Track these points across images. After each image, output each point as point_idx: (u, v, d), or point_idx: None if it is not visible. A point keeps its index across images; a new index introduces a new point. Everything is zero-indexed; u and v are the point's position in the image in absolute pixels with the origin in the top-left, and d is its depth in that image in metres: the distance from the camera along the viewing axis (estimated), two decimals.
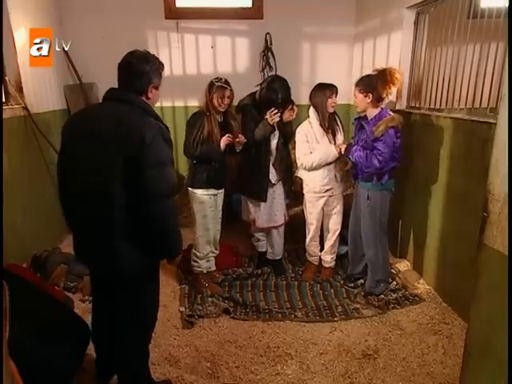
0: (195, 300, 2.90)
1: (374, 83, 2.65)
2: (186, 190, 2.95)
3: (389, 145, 2.62)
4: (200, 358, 2.34)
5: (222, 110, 2.79)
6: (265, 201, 3.07)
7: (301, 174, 3.15)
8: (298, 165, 3.09)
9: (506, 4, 2.18)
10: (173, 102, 4.39)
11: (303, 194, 3.17)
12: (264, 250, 3.36)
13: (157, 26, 4.17)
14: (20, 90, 3.08)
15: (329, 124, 2.97)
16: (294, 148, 3.11)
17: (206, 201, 2.88)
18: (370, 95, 2.66)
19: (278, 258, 3.33)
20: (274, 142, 3.05)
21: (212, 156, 2.78)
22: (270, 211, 3.15)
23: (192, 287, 3.05)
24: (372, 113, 2.71)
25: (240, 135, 2.84)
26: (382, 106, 2.74)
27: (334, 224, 3.16)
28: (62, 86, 3.98)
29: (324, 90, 2.90)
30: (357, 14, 4.24)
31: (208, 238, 2.98)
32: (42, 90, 3.44)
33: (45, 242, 3.26)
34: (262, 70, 4.27)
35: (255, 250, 3.43)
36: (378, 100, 2.69)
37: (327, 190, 3.04)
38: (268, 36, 4.20)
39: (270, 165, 3.04)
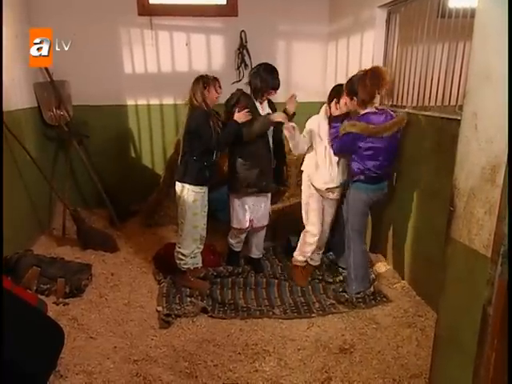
0: (173, 299, 2.88)
1: (356, 87, 2.66)
2: (169, 184, 2.94)
3: (341, 145, 2.73)
4: (178, 357, 2.33)
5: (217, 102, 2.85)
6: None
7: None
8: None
9: (474, 5, 2.24)
10: (147, 101, 4.34)
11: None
12: (240, 249, 3.38)
13: (130, 23, 4.10)
14: None
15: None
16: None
17: (199, 198, 2.88)
18: (355, 98, 2.68)
19: (260, 256, 3.38)
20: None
21: (234, 135, 2.84)
22: (266, 210, 3.18)
23: (176, 285, 3.03)
24: (359, 113, 2.74)
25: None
26: (378, 107, 2.76)
27: None
28: (32, 83, 3.87)
29: (332, 92, 2.89)
30: (330, 12, 4.28)
31: (195, 236, 2.97)
32: (10, 88, 3.33)
33: (16, 244, 3.17)
34: (238, 68, 4.26)
35: (230, 250, 3.43)
36: (363, 102, 2.68)
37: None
38: (243, 33, 4.19)
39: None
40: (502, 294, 1.03)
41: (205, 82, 2.76)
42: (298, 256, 3.16)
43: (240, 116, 2.82)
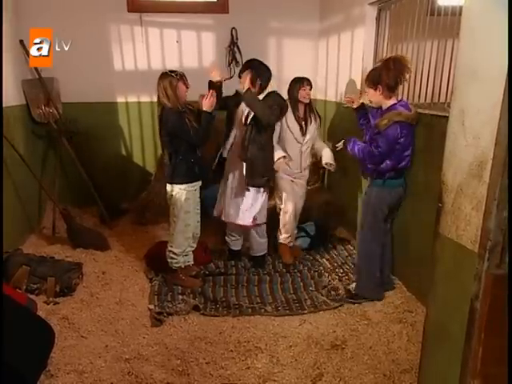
0: (165, 297, 2.87)
1: (379, 74, 2.57)
2: (160, 182, 2.92)
3: (388, 140, 2.53)
4: (170, 355, 2.32)
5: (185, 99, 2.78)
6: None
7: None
8: None
9: (462, 3, 2.26)
10: (138, 98, 4.32)
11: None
12: (238, 248, 3.39)
13: (119, 20, 4.07)
14: None
15: (304, 113, 3.28)
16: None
17: (191, 196, 2.86)
18: (380, 87, 2.58)
19: (260, 254, 3.34)
20: None
21: (211, 124, 2.81)
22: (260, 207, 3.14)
23: (167, 283, 3.03)
24: (385, 105, 2.63)
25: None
26: (399, 98, 2.67)
27: None
28: (20, 80, 3.82)
29: (296, 81, 3.22)
30: (321, 9, 4.29)
31: (187, 234, 2.96)
32: None
33: (5, 243, 3.13)
34: (229, 65, 4.25)
35: (226, 247, 3.44)
36: (389, 90, 2.58)
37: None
38: (234, 31, 4.18)
39: None
40: (488, 289, 1.04)
41: (173, 78, 2.66)
42: (282, 234, 3.40)
43: (206, 103, 2.72)
